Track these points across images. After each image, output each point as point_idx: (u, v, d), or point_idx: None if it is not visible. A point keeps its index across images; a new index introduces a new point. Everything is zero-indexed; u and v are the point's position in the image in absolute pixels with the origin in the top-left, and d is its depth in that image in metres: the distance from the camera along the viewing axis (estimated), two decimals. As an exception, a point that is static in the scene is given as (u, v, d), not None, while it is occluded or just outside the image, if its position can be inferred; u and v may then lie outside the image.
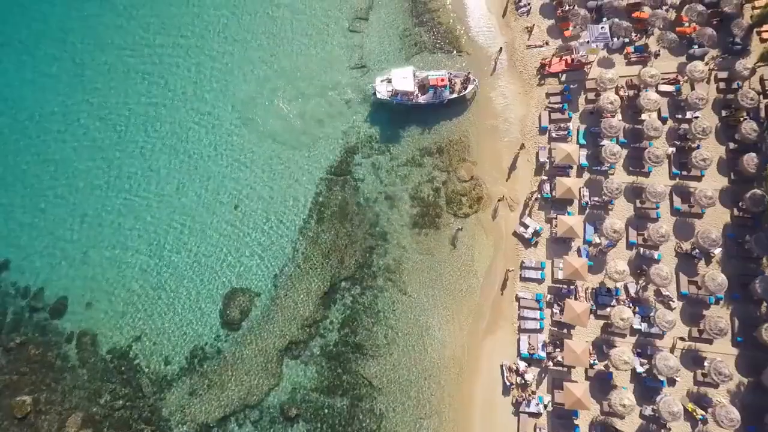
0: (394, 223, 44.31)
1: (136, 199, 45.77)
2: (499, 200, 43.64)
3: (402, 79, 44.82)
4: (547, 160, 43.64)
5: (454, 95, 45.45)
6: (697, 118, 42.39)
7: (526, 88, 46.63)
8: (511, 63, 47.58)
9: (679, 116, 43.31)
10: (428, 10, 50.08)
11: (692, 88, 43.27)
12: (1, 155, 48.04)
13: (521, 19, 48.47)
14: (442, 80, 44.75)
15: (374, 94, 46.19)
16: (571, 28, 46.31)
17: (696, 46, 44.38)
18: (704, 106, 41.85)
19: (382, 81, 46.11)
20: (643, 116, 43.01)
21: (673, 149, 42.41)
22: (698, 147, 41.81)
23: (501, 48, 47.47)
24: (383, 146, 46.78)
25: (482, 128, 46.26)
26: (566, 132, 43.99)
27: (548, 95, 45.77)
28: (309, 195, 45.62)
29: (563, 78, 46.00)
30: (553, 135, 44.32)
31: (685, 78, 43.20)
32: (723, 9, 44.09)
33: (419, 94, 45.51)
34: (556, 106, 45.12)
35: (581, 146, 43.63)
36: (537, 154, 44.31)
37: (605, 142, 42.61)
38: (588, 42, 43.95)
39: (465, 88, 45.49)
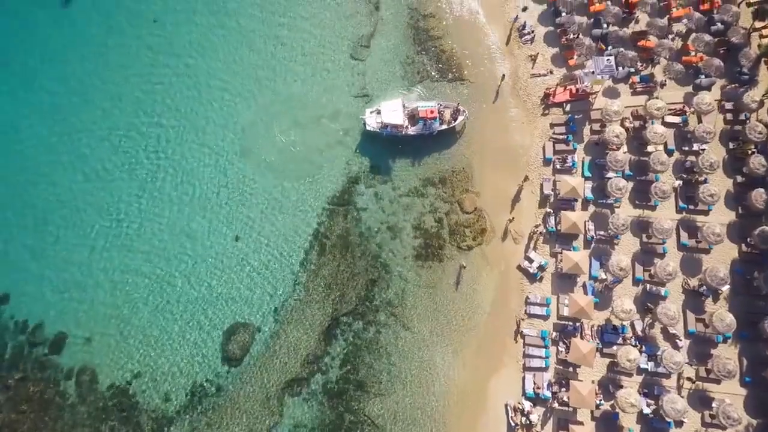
0: (397, 254, 43.80)
1: (134, 233, 45.32)
2: (504, 232, 43.15)
3: (391, 111, 44.41)
4: (552, 193, 43.08)
5: (444, 126, 44.94)
6: (704, 150, 41.83)
7: (529, 117, 46.08)
8: (514, 92, 47.03)
9: (686, 148, 42.70)
10: (430, 38, 49.58)
11: (699, 121, 42.69)
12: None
13: (525, 47, 47.93)
14: (432, 112, 44.26)
15: (364, 125, 45.67)
16: (575, 57, 45.78)
17: (703, 76, 43.78)
18: (712, 140, 41.23)
19: (371, 112, 45.63)
20: (650, 148, 42.48)
21: (680, 182, 41.79)
22: (705, 181, 41.20)
23: (504, 75, 46.93)
24: (385, 175, 46.29)
25: (485, 158, 45.73)
26: (571, 164, 43.40)
27: (552, 125, 45.21)
28: (310, 226, 45.16)
29: (567, 108, 45.44)
30: (558, 167, 43.76)
31: (692, 109, 42.62)
32: (730, 39, 43.49)
33: (409, 126, 45.03)
34: (561, 137, 44.55)
35: (586, 179, 43.08)
36: (541, 185, 43.74)
37: (611, 174, 42.06)
38: (593, 72, 43.35)
39: (455, 119, 45.00)
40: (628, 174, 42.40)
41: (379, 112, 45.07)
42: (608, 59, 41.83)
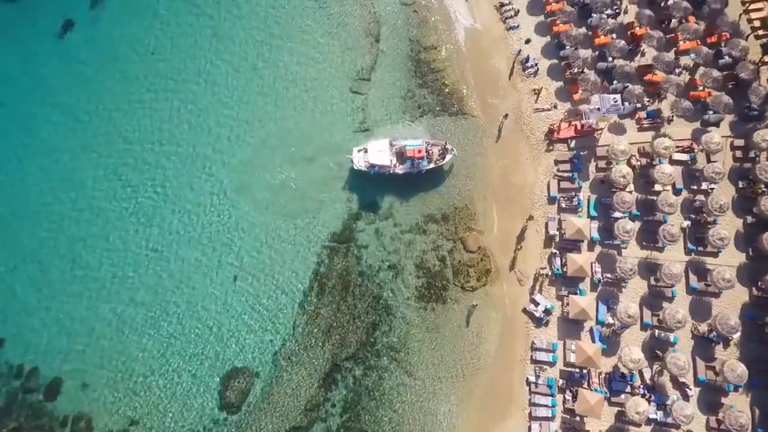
0: (399, 295, 42.86)
1: (130, 276, 44.45)
2: (509, 272, 42.21)
3: (378, 152, 43.71)
4: (557, 233, 42.11)
5: (432, 165, 44.12)
6: (713, 189, 40.86)
7: (533, 153, 45.13)
8: (517, 127, 46.10)
9: (695, 187, 41.68)
10: (431, 71, 48.69)
11: (708, 159, 41.73)
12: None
13: (528, 81, 47.03)
14: (419, 152, 43.49)
15: (351, 164, 44.84)
16: (580, 91, 44.84)
17: (711, 112, 42.81)
18: (721, 180, 40.23)
19: (359, 150, 44.80)
20: (657, 187, 41.49)
21: (689, 223, 40.78)
22: (715, 222, 40.20)
23: (507, 114, 45.99)
24: (386, 212, 45.39)
25: (488, 195, 44.83)
26: (576, 203, 42.45)
27: (557, 162, 44.27)
28: (310, 265, 44.24)
29: (572, 144, 44.51)
30: (563, 205, 42.81)
31: (700, 147, 41.65)
32: (739, 74, 42.52)
33: (397, 164, 44.24)
34: (566, 174, 43.59)
35: (592, 218, 42.11)
36: (546, 224, 42.77)
37: (617, 214, 41.10)
38: (598, 109, 42.38)
39: (443, 158, 44.16)
40: (635, 214, 41.41)
41: (366, 151, 44.27)
42: (615, 98, 40.89)
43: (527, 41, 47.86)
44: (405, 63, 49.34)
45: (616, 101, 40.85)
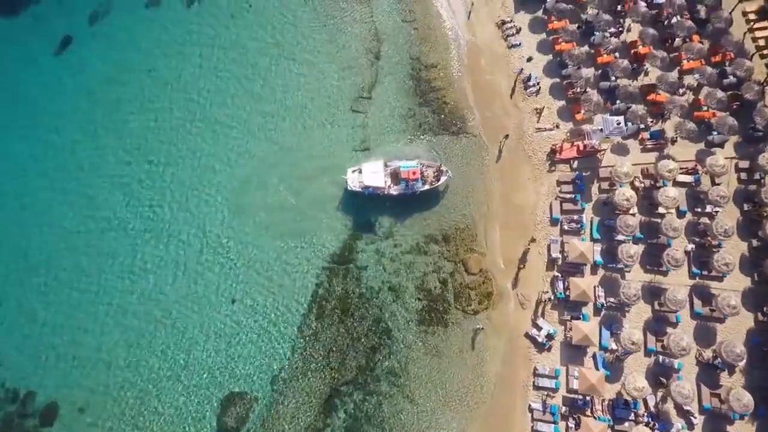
0: (399, 318, 42.33)
1: (128, 298, 44.03)
2: (510, 295, 41.68)
3: (372, 173, 43.44)
4: (560, 255, 41.57)
5: (427, 187, 43.73)
6: (717, 212, 40.35)
7: (535, 174, 44.63)
8: (519, 146, 45.59)
9: (699, 209, 41.15)
10: (432, 89, 48.22)
11: (712, 181, 41.20)
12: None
13: (530, 100, 46.54)
14: (414, 173, 43.20)
15: (345, 185, 44.37)
16: (582, 111, 44.34)
17: (715, 133, 42.31)
18: (726, 204, 39.70)
19: (353, 171, 44.37)
20: (661, 209, 40.95)
21: (693, 246, 40.23)
22: (719, 245, 39.66)
23: (507, 135, 45.51)
24: (387, 231, 44.93)
25: (490, 216, 44.31)
26: (579, 225, 41.92)
27: (559, 183, 43.74)
28: (309, 287, 43.75)
29: (575, 165, 44.02)
30: (565, 227, 42.29)
31: (704, 169, 41.15)
32: (744, 95, 42.01)
33: (392, 185, 43.88)
34: (568, 195, 43.07)
35: (595, 241, 41.59)
36: (549, 246, 42.22)
37: (621, 237, 40.55)
38: (601, 130, 41.86)
39: (438, 180, 43.76)
40: (639, 237, 40.88)
41: (360, 172, 43.87)
42: (618, 120, 40.36)
43: (529, 59, 47.38)
44: (406, 81, 48.91)
45: (620, 124, 40.31)
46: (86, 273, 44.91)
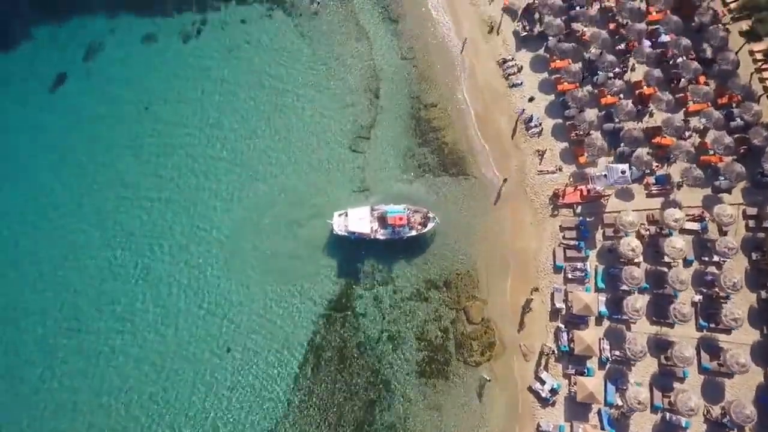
0: (399, 370, 41.27)
1: (119, 344, 42.87)
2: (513, 347, 40.62)
3: (358, 219, 42.52)
4: (564, 305, 40.49)
5: (413, 233, 42.71)
6: (725, 262, 39.31)
7: (538, 218, 43.58)
8: (521, 189, 44.54)
9: (706, 258, 40.08)
10: (432, 129, 47.18)
11: (719, 230, 40.15)
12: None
13: (532, 141, 45.50)
14: (401, 219, 42.25)
15: (331, 229, 43.38)
16: (586, 155, 43.29)
17: (722, 178, 41.27)
18: (734, 255, 38.63)
19: (340, 215, 43.35)
20: (667, 258, 39.87)
21: (700, 297, 39.17)
22: (728, 297, 38.58)
23: (506, 179, 44.56)
24: (386, 276, 43.89)
25: (492, 262, 43.27)
26: (583, 274, 40.87)
27: (562, 229, 42.66)
28: (305, 335, 42.62)
29: (578, 210, 42.98)
30: (569, 276, 41.23)
31: (711, 217, 40.12)
32: (752, 140, 40.97)
33: (379, 230, 42.92)
34: (572, 242, 41.98)
35: (600, 290, 40.56)
36: (552, 295, 41.14)
37: (625, 286, 39.46)
38: (605, 176, 40.78)
39: (424, 226, 42.75)
40: (644, 287, 39.79)
41: (347, 215, 42.92)
42: (623, 169, 39.29)
43: (531, 99, 46.36)
44: (405, 121, 47.88)
45: (624, 173, 39.26)
46: (77, 330, 43.67)
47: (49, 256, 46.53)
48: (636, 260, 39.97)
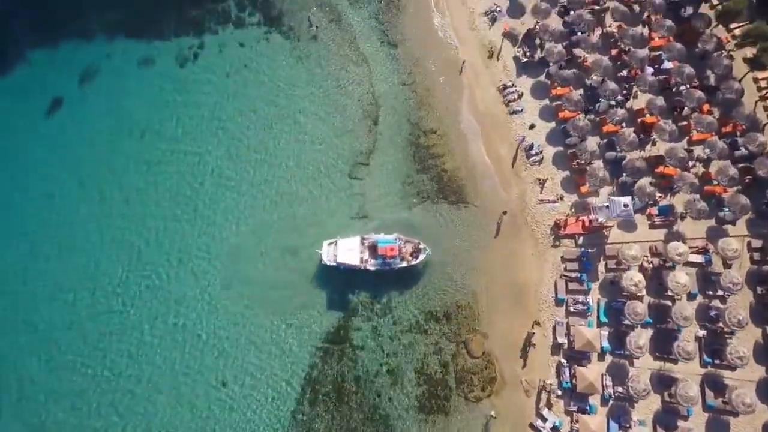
0: (398, 405, 40.61)
1: (112, 378, 42.32)
2: (514, 381, 39.94)
3: (347, 250, 41.79)
4: (566, 340, 39.80)
5: (404, 264, 41.98)
6: (729, 296, 38.64)
7: (539, 248, 42.90)
8: (522, 218, 43.86)
9: (710, 292, 39.41)
10: (431, 156, 46.50)
11: (724, 263, 39.46)
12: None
13: (532, 169, 44.83)
14: (392, 250, 41.43)
15: (320, 259, 42.60)
16: (588, 185, 42.62)
17: (726, 209, 40.60)
18: (738, 291, 37.94)
19: (329, 244, 42.61)
20: (670, 291, 39.17)
21: (704, 332, 38.48)
22: (732, 333, 37.87)
23: (505, 212, 43.83)
24: (385, 307, 43.22)
25: (493, 293, 42.57)
26: (585, 307, 40.18)
27: (564, 260, 41.99)
28: (302, 369, 41.97)
29: (580, 241, 42.31)
30: (571, 309, 40.54)
31: (715, 250, 39.45)
32: (757, 171, 40.30)
33: (369, 259, 42.14)
34: (573, 274, 41.30)
35: (602, 324, 39.88)
36: (554, 329, 40.46)
37: (628, 321, 38.75)
38: (607, 207, 40.09)
39: (415, 258, 42.03)
40: (648, 321, 39.10)
41: (336, 245, 42.25)
42: (625, 203, 38.54)
43: (531, 126, 45.69)
44: (404, 147, 47.19)
45: (627, 206, 38.50)
46: (75, 360, 43.19)
47: (43, 281, 46.07)
48: (639, 294, 39.27)
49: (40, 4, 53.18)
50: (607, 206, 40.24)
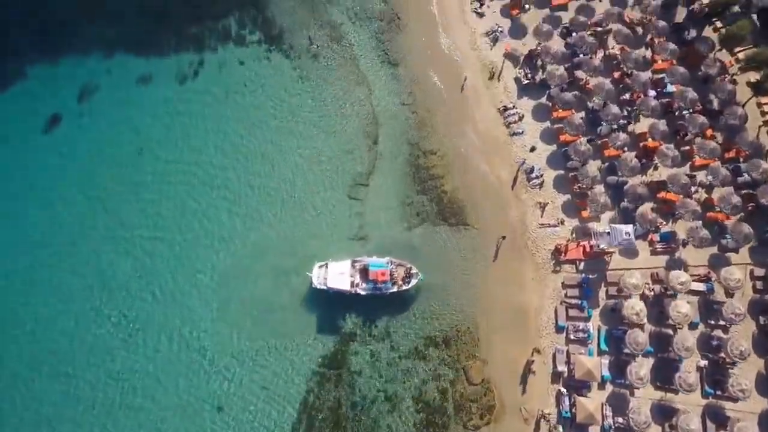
0: (395, 433, 40.15)
1: (108, 407, 41.75)
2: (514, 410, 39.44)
3: (338, 274, 41.28)
4: (566, 368, 39.31)
5: (395, 288, 41.45)
6: (731, 325, 38.18)
7: (539, 274, 42.45)
8: (522, 242, 43.44)
9: (712, 321, 38.95)
10: (431, 177, 46.07)
11: (726, 293, 39.00)
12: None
13: (533, 192, 44.42)
14: (383, 274, 40.87)
15: (311, 282, 42.00)
16: (589, 210, 42.19)
17: (729, 237, 40.18)
18: (741, 321, 37.47)
19: (321, 266, 42.10)
20: (671, 321, 38.66)
21: (706, 362, 38.00)
22: (734, 364, 37.39)
23: (504, 236, 43.35)
24: (383, 332, 42.64)
25: (493, 319, 42.03)
26: (586, 335, 39.70)
27: (564, 286, 41.54)
28: (298, 394, 41.14)
29: (581, 266, 41.88)
30: (572, 336, 40.07)
31: (717, 279, 39.01)
32: (760, 199, 39.87)
33: (360, 283, 41.63)
34: (574, 301, 40.84)
35: (602, 352, 39.42)
36: (554, 356, 39.93)
37: (629, 350, 38.25)
38: (608, 233, 39.60)
39: (407, 283, 41.50)
40: (648, 350, 38.58)
41: (327, 267, 41.81)
42: (627, 232, 38.12)
43: (532, 149, 45.31)
44: (404, 168, 46.78)
45: (629, 235, 38.07)
46: (64, 384, 42.59)
47: (37, 302, 45.64)
48: (640, 323, 38.79)
49: (39, 19, 52.78)
50: (609, 233, 39.78)
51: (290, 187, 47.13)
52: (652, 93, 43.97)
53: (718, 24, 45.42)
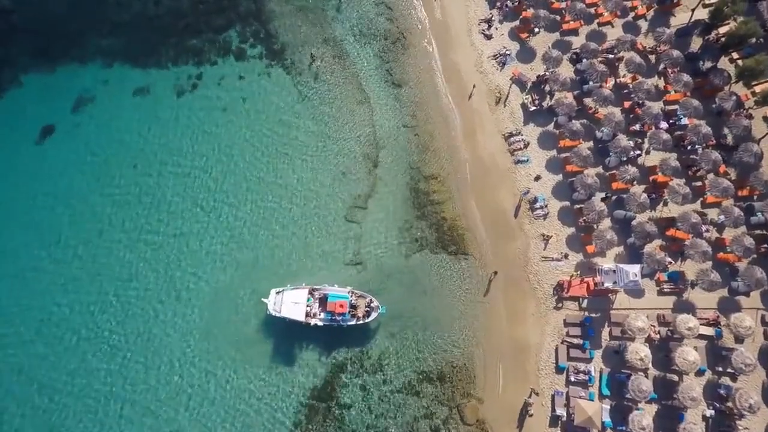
0: (384, 473, 38.51)
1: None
2: (506, 452, 37.72)
3: (293, 303, 39.78)
4: (565, 412, 37.56)
5: (354, 321, 39.89)
6: (740, 374, 36.38)
7: (540, 309, 40.77)
8: (523, 276, 41.80)
9: (720, 369, 37.13)
10: (431, 202, 44.61)
11: (736, 338, 37.21)
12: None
13: (536, 223, 42.79)
14: (341, 306, 39.29)
15: (266, 309, 40.32)
16: (594, 246, 40.50)
17: (740, 280, 38.38)
18: (751, 372, 35.67)
19: (278, 293, 40.45)
20: (676, 367, 36.85)
21: (712, 412, 36.18)
22: (742, 415, 35.52)
23: (496, 272, 41.89)
24: (375, 364, 41.09)
25: (490, 355, 40.41)
26: (587, 377, 37.96)
27: (566, 324, 39.84)
28: (285, 427, 39.67)
29: (584, 304, 40.17)
30: (572, 378, 38.31)
31: (726, 323, 37.23)
32: (773, 242, 38.19)
33: (318, 313, 40.10)
34: (576, 340, 39.09)
35: (603, 396, 37.65)
36: (553, 398, 38.21)
37: (630, 395, 36.44)
38: (614, 271, 37.93)
39: (368, 315, 39.95)
40: (652, 396, 36.76)
41: (283, 295, 40.23)
42: (634, 273, 36.47)
43: (537, 178, 43.70)
44: (403, 192, 45.34)
45: (636, 276, 36.39)
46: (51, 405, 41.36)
47: (25, 319, 44.35)
48: (644, 368, 37.05)
49: (37, 27, 51.92)
50: (614, 271, 38.11)
51: (285, 208, 45.80)
52: (663, 125, 42.36)
53: (735, 55, 43.73)
